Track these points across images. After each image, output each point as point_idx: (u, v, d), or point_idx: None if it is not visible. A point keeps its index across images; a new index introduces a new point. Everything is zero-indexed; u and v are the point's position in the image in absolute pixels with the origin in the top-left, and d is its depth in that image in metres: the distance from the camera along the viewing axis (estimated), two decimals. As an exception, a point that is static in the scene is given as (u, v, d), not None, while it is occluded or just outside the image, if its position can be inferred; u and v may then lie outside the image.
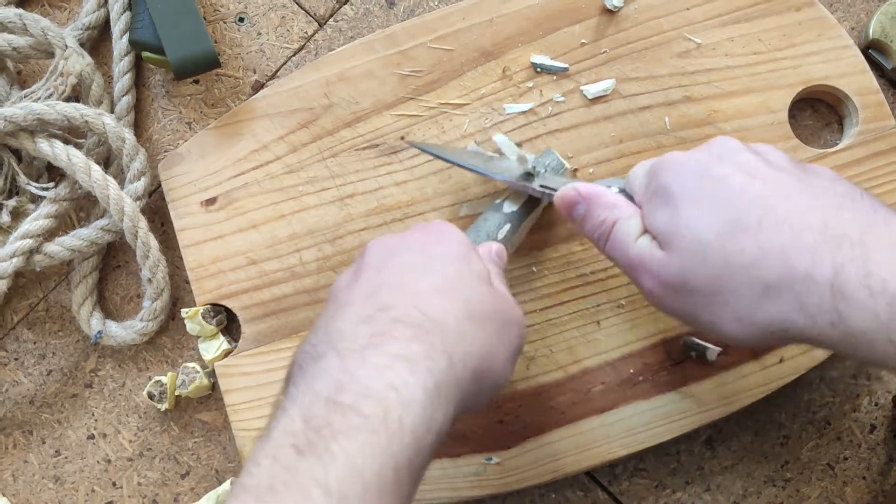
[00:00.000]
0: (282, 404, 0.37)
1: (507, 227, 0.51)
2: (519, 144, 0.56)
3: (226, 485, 0.57)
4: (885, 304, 0.36)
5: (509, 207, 0.52)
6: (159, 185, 0.60)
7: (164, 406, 0.58)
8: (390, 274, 0.42)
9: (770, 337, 0.40)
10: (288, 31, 0.62)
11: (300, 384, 0.37)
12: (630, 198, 0.46)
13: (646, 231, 0.43)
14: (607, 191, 0.46)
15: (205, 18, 0.62)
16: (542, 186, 0.50)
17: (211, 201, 0.58)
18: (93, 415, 0.59)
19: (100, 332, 0.58)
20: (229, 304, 0.57)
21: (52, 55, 0.59)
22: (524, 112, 0.57)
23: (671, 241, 0.41)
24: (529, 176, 0.51)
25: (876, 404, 0.56)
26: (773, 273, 0.38)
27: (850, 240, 0.37)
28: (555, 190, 0.49)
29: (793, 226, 0.38)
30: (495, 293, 0.44)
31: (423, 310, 0.39)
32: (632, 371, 0.54)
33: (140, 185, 0.58)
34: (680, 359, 0.54)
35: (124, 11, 0.61)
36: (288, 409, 0.36)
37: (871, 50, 0.59)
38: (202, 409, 0.59)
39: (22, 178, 0.58)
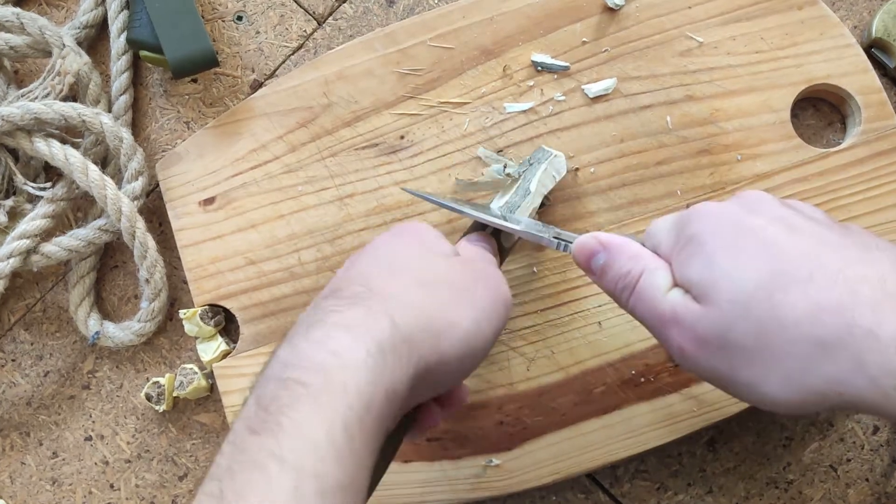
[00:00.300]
0: (245, 399, 0.37)
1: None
2: (500, 151, 0.56)
3: (224, 487, 0.57)
4: None
5: (495, 204, 0.52)
6: (157, 185, 0.59)
7: (162, 407, 0.57)
8: (348, 270, 0.43)
9: (820, 401, 0.36)
10: (287, 29, 0.62)
11: (259, 377, 0.38)
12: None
13: (676, 284, 0.40)
14: (630, 240, 0.43)
15: (203, 17, 0.62)
16: (555, 237, 0.48)
17: (209, 201, 0.58)
18: (90, 416, 0.59)
19: (97, 332, 0.58)
20: (228, 304, 0.57)
21: (49, 54, 0.58)
22: (525, 111, 0.57)
23: (708, 292, 0.38)
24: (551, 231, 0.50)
25: (879, 405, 0.56)
26: (830, 329, 0.35)
27: None
28: (570, 241, 0.47)
29: (848, 279, 0.36)
30: (456, 260, 0.44)
31: (366, 285, 0.40)
32: (633, 372, 0.54)
33: (138, 185, 0.58)
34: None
35: (122, 10, 0.60)
36: (247, 400, 0.37)
37: (874, 49, 0.59)
38: (200, 410, 0.59)
39: (19, 178, 0.58)
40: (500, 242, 0.51)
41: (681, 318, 0.39)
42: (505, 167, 0.54)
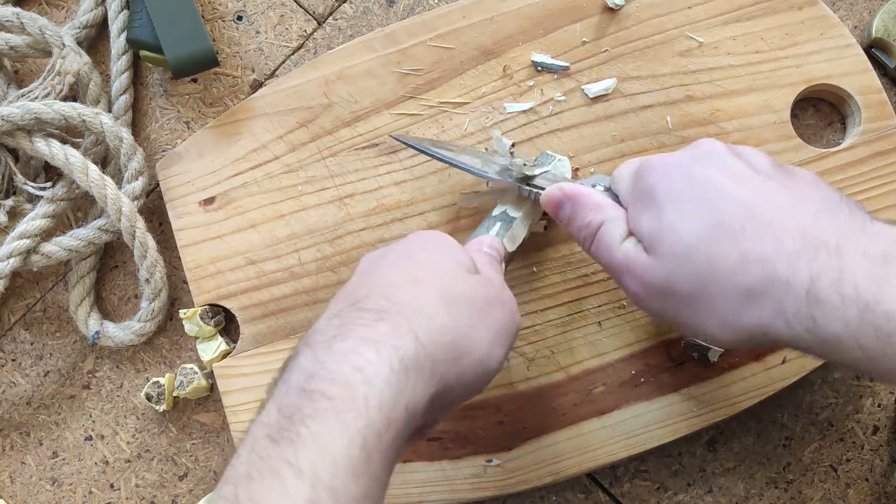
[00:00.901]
0: (263, 402, 0.38)
1: (498, 224, 0.51)
2: (513, 145, 0.55)
3: (224, 487, 0.57)
4: (856, 311, 0.36)
5: (498, 210, 0.52)
6: (157, 185, 0.59)
7: (162, 407, 0.57)
8: (370, 275, 0.43)
9: (752, 340, 0.41)
10: (287, 29, 0.62)
11: (278, 382, 0.38)
12: (615, 197, 0.46)
13: (631, 234, 0.44)
14: (593, 191, 0.47)
15: (203, 17, 0.62)
16: (529, 185, 0.50)
17: (209, 201, 0.58)
18: (90, 416, 0.59)
19: (97, 332, 0.58)
20: (228, 304, 0.57)
21: (49, 54, 0.58)
22: (525, 111, 0.57)
23: (655, 244, 0.42)
24: (524, 177, 0.51)
25: (878, 405, 0.56)
26: (755, 279, 0.39)
27: (826, 247, 0.38)
28: (542, 189, 0.49)
29: (774, 232, 0.39)
30: (477, 279, 0.44)
31: (392, 298, 0.40)
32: (633, 372, 0.54)
33: (138, 185, 0.58)
34: (681, 360, 0.54)
35: (122, 10, 0.60)
36: (266, 405, 0.37)
37: (874, 49, 0.59)
38: (200, 410, 0.59)
39: (19, 178, 0.58)
40: (504, 247, 0.51)
41: (632, 267, 0.43)
42: (514, 145, 0.54)
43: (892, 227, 0.40)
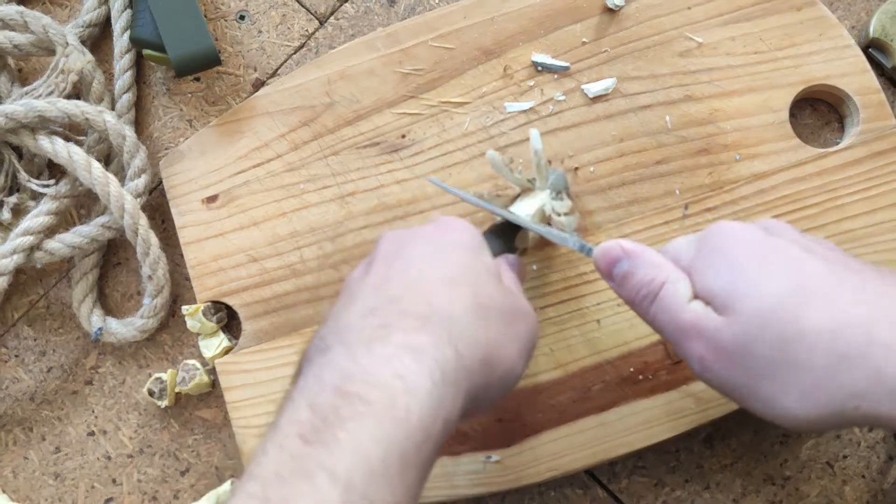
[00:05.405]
0: (290, 395, 0.37)
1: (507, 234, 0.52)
2: (511, 160, 0.55)
3: (226, 485, 0.57)
4: None
5: (516, 209, 0.52)
6: (160, 183, 0.60)
7: (164, 403, 0.58)
8: (400, 265, 0.42)
9: (837, 416, 0.37)
10: (289, 28, 0.63)
11: (308, 375, 0.37)
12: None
13: (696, 296, 0.41)
14: (652, 249, 0.44)
15: (205, 16, 0.62)
16: (580, 245, 0.48)
17: (212, 199, 0.58)
18: (93, 412, 0.59)
19: (100, 329, 0.58)
20: (230, 301, 0.57)
21: (52, 52, 0.59)
22: (525, 111, 0.57)
23: (731, 303, 0.39)
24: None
25: (875, 403, 0.56)
26: (851, 343, 0.36)
27: None
28: (592, 246, 0.46)
29: (868, 295, 0.37)
30: (504, 288, 0.43)
31: (430, 301, 0.39)
32: (632, 370, 0.54)
33: (140, 183, 0.58)
34: (680, 358, 0.54)
35: (125, 9, 0.61)
36: (295, 400, 0.36)
37: (871, 49, 0.59)
38: (202, 406, 0.59)
39: (23, 175, 0.58)
40: (514, 245, 0.51)
41: (703, 329, 0.39)
42: (512, 160, 0.53)
43: None
